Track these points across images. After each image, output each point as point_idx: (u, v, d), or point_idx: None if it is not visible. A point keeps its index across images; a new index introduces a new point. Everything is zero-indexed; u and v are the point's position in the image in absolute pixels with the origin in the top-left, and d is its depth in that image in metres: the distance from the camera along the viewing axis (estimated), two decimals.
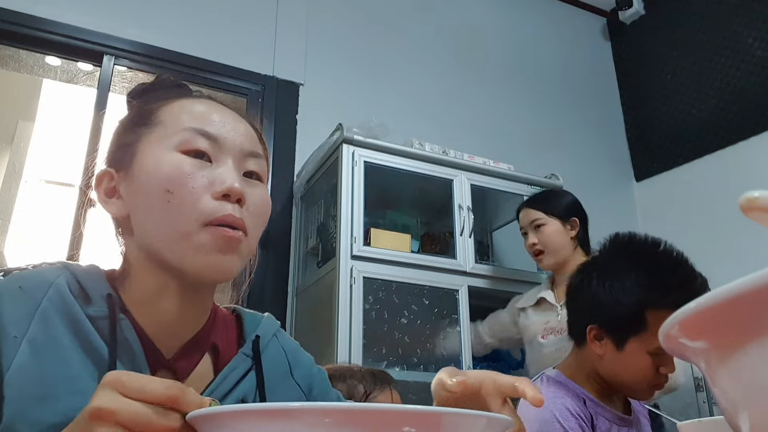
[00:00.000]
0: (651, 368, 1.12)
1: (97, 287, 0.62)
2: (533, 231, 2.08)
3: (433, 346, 2.15)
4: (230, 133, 0.65)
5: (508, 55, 3.41)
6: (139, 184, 0.63)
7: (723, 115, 3.10)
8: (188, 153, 0.62)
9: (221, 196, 0.60)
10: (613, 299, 1.13)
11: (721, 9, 3.18)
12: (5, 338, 0.54)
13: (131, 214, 0.65)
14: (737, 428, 0.27)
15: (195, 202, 0.60)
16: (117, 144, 0.69)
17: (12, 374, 0.53)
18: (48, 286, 0.59)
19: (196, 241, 0.59)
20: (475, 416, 0.39)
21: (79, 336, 0.58)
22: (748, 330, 0.25)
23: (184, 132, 0.63)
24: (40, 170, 3.38)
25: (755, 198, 0.27)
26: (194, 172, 0.61)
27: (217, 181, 0.61)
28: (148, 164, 0.63)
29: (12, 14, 2.25)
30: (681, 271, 1.12)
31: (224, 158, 0.64)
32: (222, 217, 0.60)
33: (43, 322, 0.57)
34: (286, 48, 2.75)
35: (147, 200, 0.62)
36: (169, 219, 0.60)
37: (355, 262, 2.06)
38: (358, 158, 2.19)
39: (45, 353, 0.55)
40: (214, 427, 0.38)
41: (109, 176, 0.68)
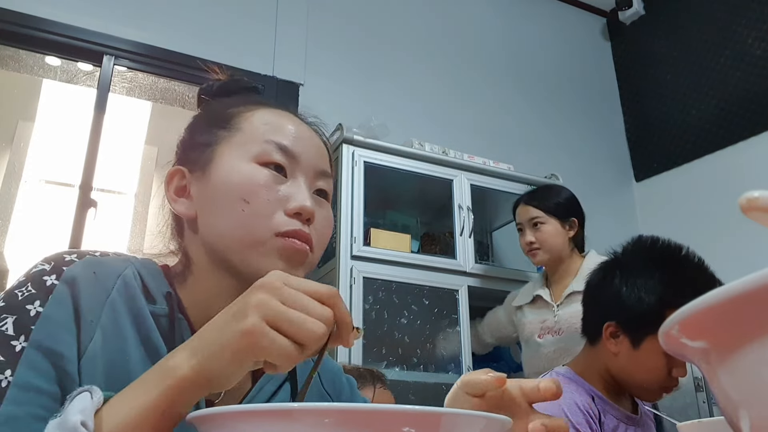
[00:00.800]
0: (664, 369, 1.13)
1: (157, 284, 0.62)
2: (531, 228, 2.04)
3: (433, 346, 2.15)
4: (306, 150, 0.66)
5: (508, 55, 3.41)
6: (214, 190, 0.63)
7: (723, 115, 3.10)
8: (265, 165, 0.63)
9: (293, 214, 0.62)
10: (635, 297, 1.14)
11: (721, 9, 3.18)
12: (84, 322, 0.55)
13: (200, 215, 0.65)
14: (737, 428, 0.27)
15: (269, 215, 0.61)
16: (192, 143, 0.69)
17: (86, 359, 0.53)
18: (117, 277, 0.59)
19: (266, 248, 0.60)
20: (475, 416, 0.39)
21: (141, 331, 0.58)
22: (748, 330, 0.25)
23: (264, 144, 0.64)
24: (40, 170, 3.38)
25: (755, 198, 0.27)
26: (270, 185, 0.62)
27: (291, 198, 0.62)
28: (225, 171, 0.63)
29: (12, 14, 2.25)
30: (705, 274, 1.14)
31: (299, 175, 0.65)
32: (293, 230, 0.61)
33: (112, 312, 0.57)
34: (286, 48, 2.75)
35: (221, 206, 0.62)
36: (243, 226, 0.61)
37: (355, 262, 2.06)
38: (358, 158, 2.20)
39: (112, 343, 0.55)
40: (214, 427, 0.38)
41: (180, 175, 0.68)
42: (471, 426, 0.38)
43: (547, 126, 3.34)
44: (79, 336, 0.54)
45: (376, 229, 2.21)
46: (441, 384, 2.11)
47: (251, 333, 0.44)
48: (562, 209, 2.05)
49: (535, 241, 2.02)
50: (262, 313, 0.44)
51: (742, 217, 0.30)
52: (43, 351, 0.52)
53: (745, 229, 2.87)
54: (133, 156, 3.54)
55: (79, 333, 0.54)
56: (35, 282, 0.56)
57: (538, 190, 2.16)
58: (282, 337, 0.44)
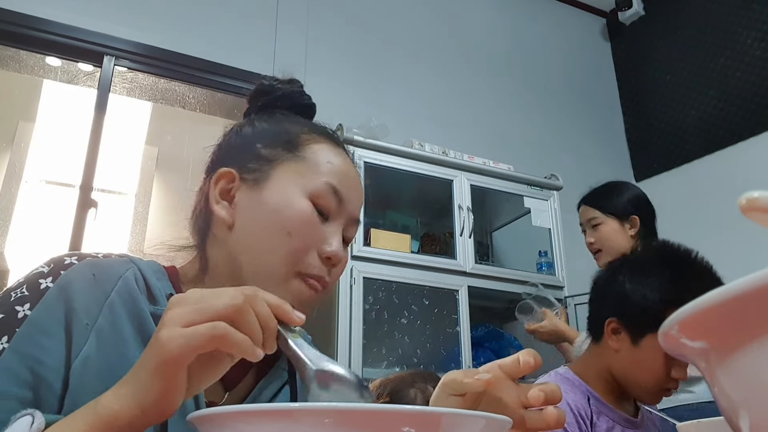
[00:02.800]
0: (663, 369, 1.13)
1: (160, 285, 0.62)
2: (590, 229, 1.97)
3: (433, 346, 2.15)
4: (352, 198, 0.68)
5: (508, 55, 3.41)
6: (263, 211, 0.64)
7: (723, 115, 3.10)
8: (316, 205, 0.64)
9: (325, 258, 0.63)
10: (639, 294, 1.15)
11: (721, 9, 3.18)
12: (77, 324, 0.54)
13: (238, 226, 0.64)
14: (737, 428, 0.27)
15: (305, 253, 0.62)
16: (252, 151, 0.68)
17: (78, 363, 0.53)
18: (118, 279, 0.59)
19: (286, 287, 0.62)
20: (475, 416, 0.39)
21: (142, 332, 0.57)
22: (748, 330, 0.25)
23: (324, 185, 0.65)
24: (40, 170, 3.38)
25: (755, 198, 0.27)
26: (317, 225, 0.64)
27: (327, 242, 0.64)
28: (279, 197, 0.64)
29: (12, 14, 2.25)
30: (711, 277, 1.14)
31: (339, 220, 0.66)
32: (317, 276, 0.63)
33: (111, 314, 0.56)
34: (286, 48, 2.75)
35: (264, 230, 0.63)
36: (276, 258, 0.61)
37: (355, 262, 2.06)
38: (358, 158, 2.20)
39: (109, 346, 0.55)
40: (214, 427, 0.38)
41: (230, 177, 0.67)
42: (471, 426, 0.38)
43: (547, 126, 3.34)
44: (70, 341, 0.53)
45: (376, 230, 2.21)
46: None
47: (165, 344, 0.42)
48: (621, 208, 1.95)
49: (595, 241, 1.95)
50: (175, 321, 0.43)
51: (742, 217, 0.30)
52: (21, 355, 0.51)
53: (745, 229, 2.87)
54: (133, 156, 3.54)
55: (70, 338, 0.54)
56: (30, 284, 0.56)
57: (597, 189, 2.06)
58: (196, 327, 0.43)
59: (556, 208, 2.54)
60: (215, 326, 0.43)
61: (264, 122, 0.72)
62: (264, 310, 0.46)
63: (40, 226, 3.21)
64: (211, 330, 0.42)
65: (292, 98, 0.76)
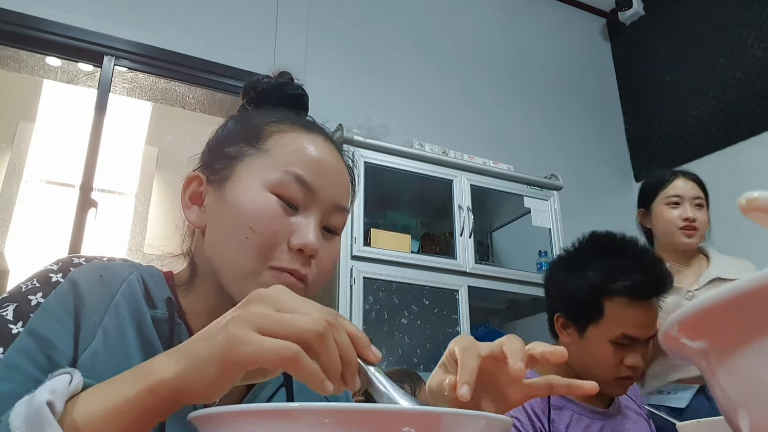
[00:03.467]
0: (613, 358, 1.14)
1: (159, 289, 0.63)
2: (693, 207, 1.93)
3: (433, 346, 2.15)
4: (327, 184, 0.65)
5: (508, 55, 3.41)
6: (226, 209, 0.63)
7: (723, 116, 3.10)
8: (280, 197, 0.62)
9: (296, 250, 0.61)
10: (572, 286, 1.19)
11: (721, 9, 3.18)
12: (85, 320, 0.56)
13: (208, 228, 0.65)
14: (737, 428, 0.27)
15: (272, 247, 0.61)
16: (219, 152, 0.68)
17: (86, 358, 0.54)
18: (122, 281, 0.61)
19: (259, 281, 0.60)
20: (475, 416, 0.39)
21: (142, 334, 0.59)
22: (748, 330, 0.25)
23: (284, 174, 0.63)
24: (40, 170, 3.38)
25: (755, 198, 0.27)
26: (280, 217, 0.62)
27: (298, 233, 0.62)
28: (240, 193, 0.63)
29: (12, 14, 2.25)
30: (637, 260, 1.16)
31: (312, 210, 0.64)
32: (289, 268, 0.61)
33: (116, 315, 0.58)
34: (286, 48, 2.75)
35: (228, 227, 0.62)
36: (242, 254, 0.60)
37: (355, 262, 2.06)
38: (358, 158, 2.20)
39: (114, 345, 0.56)
40: (214, 427, 0.38)
41: (198, 181, 0.67)
42: (471, 426, 0.38)
43: (547, 126, 3.34)
44: (77, 335, 0.55)
45: (376, 230, 2.21)
46: None
47: (235, 342, 0.41)
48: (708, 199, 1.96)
49: (697, 220, 1.90)
50: (252, 322, 0.42)
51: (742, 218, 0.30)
52: (36, 338, 0.53)
53: (745, 229, 2.86)
54: (133, 156, 3.54)
55: (78, 332, 0.55)
56: (41, 278, 0.59)
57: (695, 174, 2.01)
58: (269, 339, 0.41)
59: (556, 208, 2.54)
60: (290, 348, 0.41)
61: (236, 120, 0.71)
62: (344, 340, 0.44)
63: (40, 226, 3.21)
64: (285, 351, 0.41)
65: (280, 90, 0.74)
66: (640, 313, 1.13)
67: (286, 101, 0.74)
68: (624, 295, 1.13)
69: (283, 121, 0.68)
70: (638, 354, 1.14)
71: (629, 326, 1.13)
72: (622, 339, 1.13)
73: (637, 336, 1.14)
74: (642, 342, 1.15)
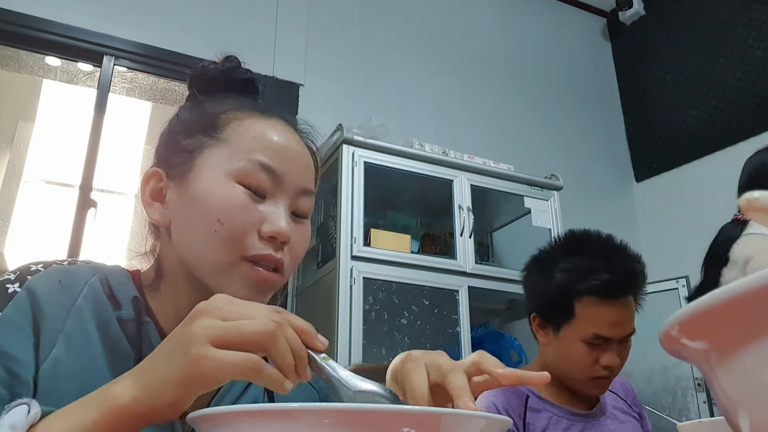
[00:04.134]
0: (586, 358, 1.14)
1: (123, 289, 0.62)
2: None
3: (433, 346, 2.15)
4: (292, 168, 0.64)
5: (508, 55, 3.41)
6: (190, 204, 0.62)
7: (723, 116, 3.10)
8: (246, 185, 0.61)
9: (268, 238, 0.60)
10: (542, 286, 1.20)
11: (721, 9, 3.18)
12: (45, 328, 0.55)
13: (174, 225, 0.63)
14: (737, 428, 0.27)
15: (242, 237, 0.60)
16: (175, 146, 0.66)
17: (48, 366, 0.53)
18: (84, 284, 0.60)
19: (233, 274, 0.60)
20: (475, 416, 0.39)
21: (108, 336, 0.58)
22: (748, 330, 0.25)
23: (248, 162, 0.62)
24: (40, 170, 3.38)
25: (755, 198, 0.27)
26: (248, 206, 0.61)
27: (268, 221, 0.61)
28: (204, 186, 0.61)
29: (12, 14, 2.25)
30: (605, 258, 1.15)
31: (280, 196, 0.63)
32: (262, 255, 0.60)
33: (78, 319, 0.57)
34: (286, 48, 2.75)
35: (195, 223, 0.61)
36: (212, 249, 0.60)
37: (355, 262, 2.06)
38: (358, 159, 2.20)
39: (79, 349, 0.55)
40: (214, 427, 0.38)
41: (158, 177, 0.66)
42: (471, 426, 0.38)
43: (547, 126, 3.34)
44: (38, 343, 0.54)
45: (376, 230, 2.21)
46: None
47: (196, 362, 0.42)
48: None
49: None
50: (207, 336, 0.43)
51: None
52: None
53: None
54: (133, 156, 3.54)
55: (39, 340, 0.54)
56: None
57: None
58: (233, 353, 0.43)
59: (556, 209, 2.54)
60: (249, 359, 0.43)
61: (187, 111, 0.69)
62: (293, 336, 0.46)
63: (40, 226, 3.21)
64: (245, 362, 0.43)
65: (228, 75, 0.72)
66: (611, 312, 1.12)
67: (236, 87, 0.72)
68: (593, 295, 1.12)
69: (239, 109, 0.67)
70: (613, 353, 1.13)
71: (600, 326, 1.12)
72: (594, 339, 1.12)
73: (609, 335, 1.12)
74: (617, 341, 1.14)
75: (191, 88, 0.72)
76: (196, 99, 0.70)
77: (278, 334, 0.44)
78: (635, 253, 1.19)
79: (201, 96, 0.70)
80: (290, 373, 0.45)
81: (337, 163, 2.20)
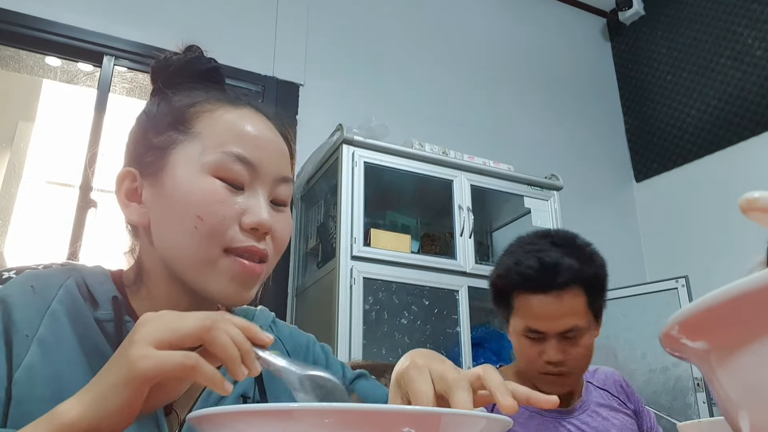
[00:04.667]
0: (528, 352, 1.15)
1: (103, 289, 0.61)
2: None
3: (433, 346, 2.15)
4: (267, 157, 0.63)
5: (508, 55, 3.41)
6: (168, 201, 0.61)
7: (723, 116, 3.10)
8: (222, 179, 0.60)
9: (249, 229, 0.60)
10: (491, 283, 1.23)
11: (721, 9, 3.18)
12: (17, 336, 0.54)
13: (153, 224, 0.63)
14: (737, 428, 0.27)
15: (223, 231, 0.59)
16: (146, 144, 0.65)
17: (21, 373, 0.53)
18: (58, 288, 0.59)
19: (217, 268, 0.59)
20: (475, 416, 0.39)
21: (87, 339, 0.57)
22: (748, 330, 0.25)
23: (223, 155, 0.61)
24: (40, 171, 3.38)
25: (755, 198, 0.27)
26: (226, 200, 0.60)
27: (248, 212, 0.60)
28: (180, 182, 0.60)
29: (12, 14, 2.25)
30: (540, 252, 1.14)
31: (258, 186, 0.62)
32: (245, 247, 0.60)
33: (53, 323, 0.56)
34: (286, 48, 2.75)
35: (174, 220, 0.60)
36: (194, 245, 0.59)
37: (355, 262, 2.06)
38: (358, 159, 2.20)
39: (54, 353, 0.55)
40: (214, 427, 0.38)
41: (132, 177, 0.65)
42: (471, 426, 0.38)
43: (547, 126, 3.34)
44: (9, 352, 0.53)
45: (376, 230, 2.21)
46: None
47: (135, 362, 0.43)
48: None
49: None
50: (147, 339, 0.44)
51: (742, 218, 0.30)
52: None
53: (745, 229, 2.86)
54: None
55: (10, 349, 0.54)
56: None
57: None
58: (166, 351, 0.43)
59: (556, 209, 2.54)
60: (188, 356, 0.44)
61: (155, 106, 0.68)
62: (235, 331, 0.46)
63: (40, 226, 3.21)
64: (183, 359, 0.43)
65: (191, 66, 0.70)
66: (540, 306, 1.11)
67: (201, 76, 0.70)
68: (522, 288, 1.13)
69: (208, 101, 0.65)
70: (554, 349, 1.11)
71: (530, 319, 1.12)
72: (530, 332, 1.13)
73: (541, 329, 1.12)
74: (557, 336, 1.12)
75: (155, 82, 0.71)
76: (162, 93, 0.69)
77: (217, 326, 0.45)
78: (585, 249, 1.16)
79: (166, 89, 0.68)
80: (236, 365, 0.45)
81: (337, 163, 2.20)
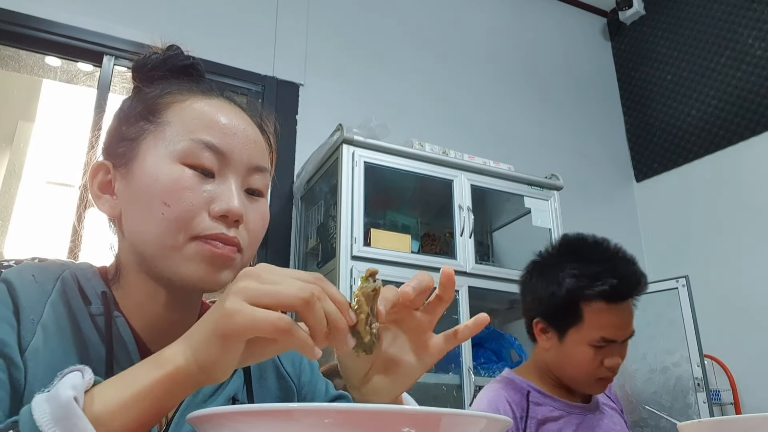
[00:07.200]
0: (592, 360, 1.17)
1: (92, 285, 0.62)
2: None
3: None
4: (238, 146, 0.63)
5: (508, 55, 3.41)
6: (136, 190, 0.61)
7: (723, 116, 3.10)
8: (191, 166, 0.60)
9: (219, 216, 0.60)
10: (548, 292, 1.21)
11: (721, 9, 3.18)
12: (24, 318, 0.55)
13: (123, 215, 0.63)
14: None
15: (190, 218, 0.59)
16: (118, 136, 0.66)
17: (30, 354, 0.54)
18: (56, 280, 0.60)
19: (185, 253, 0.59)
20: (475, 416, 0.39)
21: (80, 331, 0.58)
22: None
23: (191, 143, 0.61)
24: (40, 171, 3.38)
25: None
26: (194, 187, 0.60)
27: (217, 199, 0.60)
28: (148, 170, 0.60)
29: (12, 14, 2.25)
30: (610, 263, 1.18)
31: (228, 174, 0.62)
32: (214, 234, 0.59)
33: (54, 312, 0.57)
34: (286, 48, 2.75)
35: (142, 208, 0.60)
36: (160, 232, 0.59)
37: (355, 262, 2.06)
38: (358, 158, 2.19)
39: (54, 342, 0.56)
40: (214, 427, 0.38)
41: (105, 169, 0.66)
42: (471, 426, 0.38)
43: (547, 126, 3.34)
44: (19, 332, 0.54)
45: (376, 230, 2.21)
46: (441, 384, 2.11)
47: (229, 314, 0.44)
48: None
49: None
50: (242, 295, 0.45)
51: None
52: None
53: (745, 229, 2.87)
54: None
55: (20, 328, 0.55)
56: None
57: None
58: (262, 310, 0.44)
59: (556, 208, 2.54)
60: (281, 318, 0.44)
61: (129, 101, 0.69)
62: (331, 308, 0.47)
63: (40, 226, 3.21)
64: (277, 321, 0.44)
65: (170, 63, 0.71)
66: (617, 316, 1.16)
67: (179, 73, 0.71)
68: (601, 300, 1.15)
69: (179, 91, 0.66)
70: (617, 355, 1.17)
71: (607, 329, 1.15)
72: (601, 342, 1.16)
73: (615, 338, 1.17)
74: (620, 343, 1.18)
75: (135, 80, 0.71)
76: (139, 89, 0.70)
77: (314, 300, 0.46)
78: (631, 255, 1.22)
79: (143, 86, 0.69)
80: (321, 338, 0.46)
81: (337, 163, 2.20)
